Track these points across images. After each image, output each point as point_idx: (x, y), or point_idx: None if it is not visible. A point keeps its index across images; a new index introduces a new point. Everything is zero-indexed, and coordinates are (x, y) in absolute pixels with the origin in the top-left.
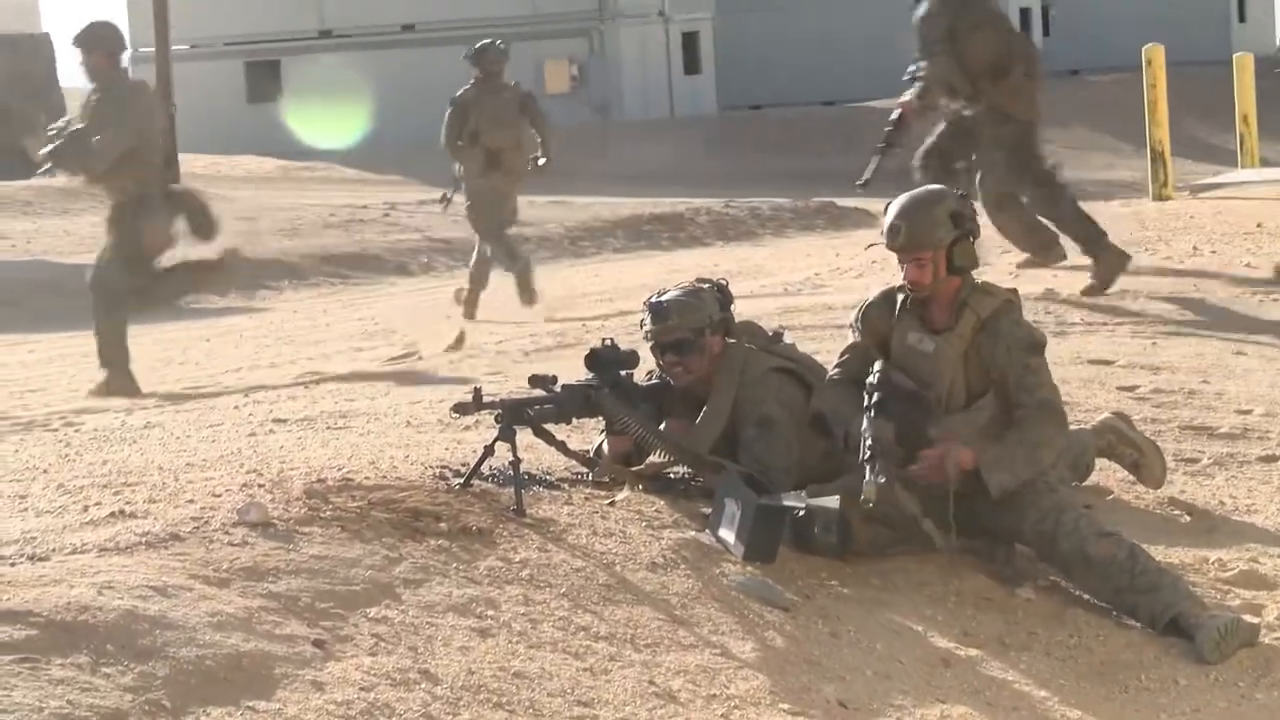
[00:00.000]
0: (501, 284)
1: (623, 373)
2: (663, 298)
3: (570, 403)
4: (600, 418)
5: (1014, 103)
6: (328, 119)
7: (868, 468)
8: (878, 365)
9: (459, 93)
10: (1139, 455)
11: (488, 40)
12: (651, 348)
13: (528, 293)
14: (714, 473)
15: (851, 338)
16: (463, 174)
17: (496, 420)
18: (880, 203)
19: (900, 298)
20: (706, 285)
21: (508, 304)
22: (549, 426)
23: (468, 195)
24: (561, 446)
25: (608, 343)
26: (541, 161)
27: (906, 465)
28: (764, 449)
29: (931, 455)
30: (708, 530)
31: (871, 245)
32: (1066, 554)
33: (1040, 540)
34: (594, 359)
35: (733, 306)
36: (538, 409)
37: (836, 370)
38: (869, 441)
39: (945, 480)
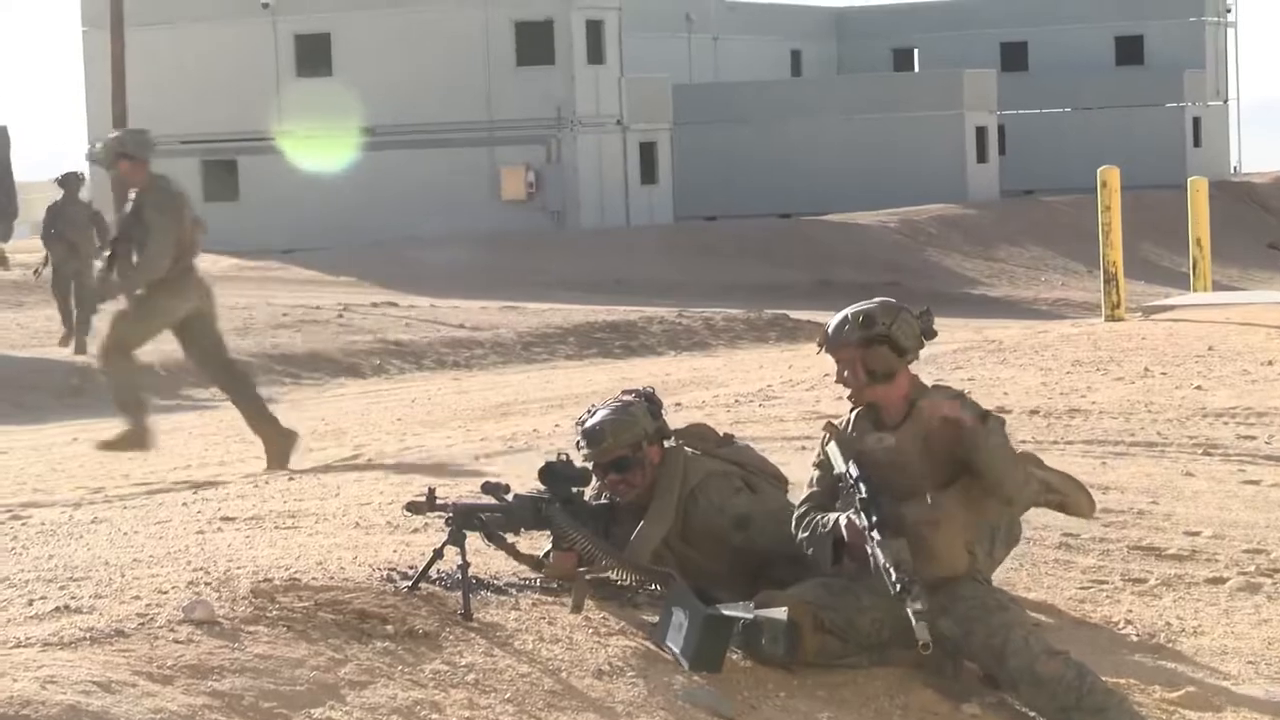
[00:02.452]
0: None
1: (574, 489)
2: (594, 419)
3: (521, 513)
4: (550, 532)
5: None
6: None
7: (906, 603)
8: (856, 480)
9: (50, 204)
10: (1060, 496)
11: (71, 170)
12: (593, 468)
13: (80, 342)
14: (663, 584)
15: (815, 472)
16: (49, 259)
17: (447, 524)
18: (829, 317)
19: (851, 415)
20: (633, 396)
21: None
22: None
23: (54, 274)
24: (511, 549)
25: (563, 458)
26: (104, 250)
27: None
28: (766, 538)
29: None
30: (654, 639)
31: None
32: (1014, 671)
33: (988, 656)
34: (548, 473)
35: (663, 411)
36: (488, 516)
37: (805, 505)
38: (891, 568)
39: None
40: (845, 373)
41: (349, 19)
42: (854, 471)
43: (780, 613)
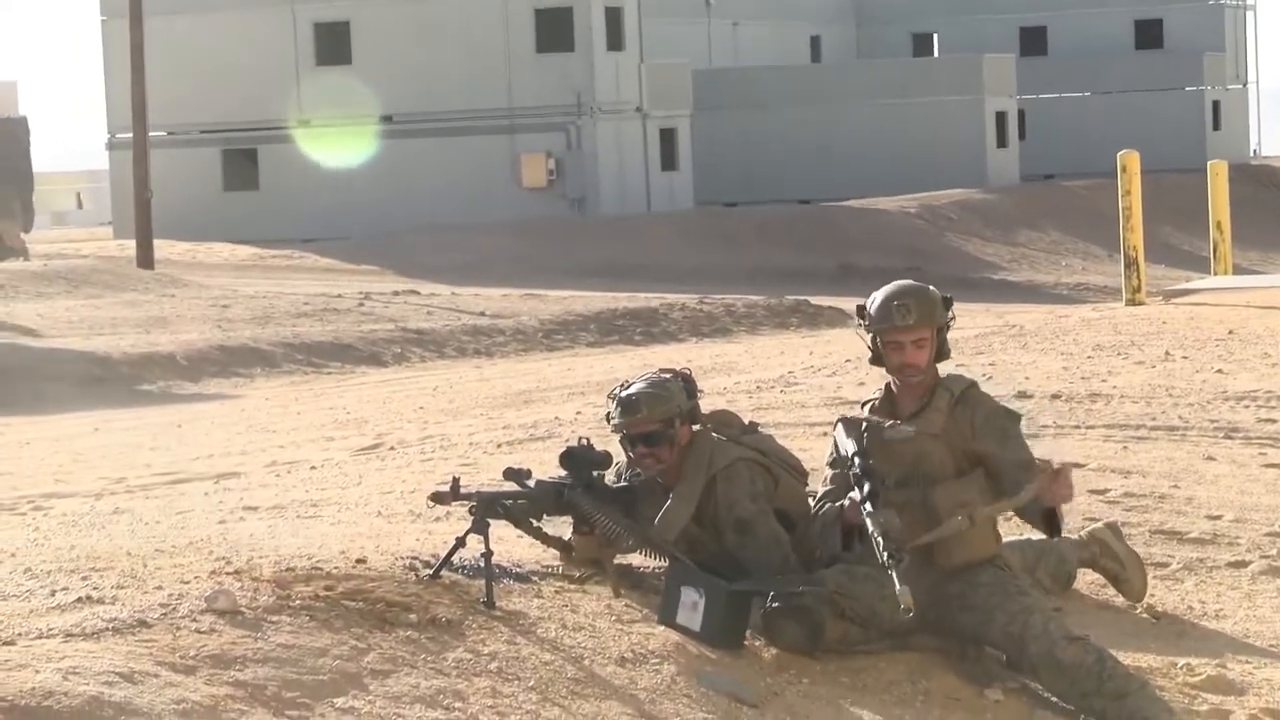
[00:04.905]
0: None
1: (595, 473)
2: (631, 390)
3: (544, 499)
4: (571, 516)
5: None
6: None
7: (891, 571)
8: (853, 455)
9: None
10: (1120, 569)
11: None
12: (621, 439)
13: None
14: (673, 563)
15: (829, 471)
16: None
17: (470, 512)
18: (850, 302)
19: (865, 407)
20: (671, 375)
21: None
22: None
23: None
24: (538, 533)
25: (584, 442)
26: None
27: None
28: (754, 552)
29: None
30: (661, 619)
31: (862, 325)
32: (1035, 657)
33: (1009, 642)
34: (569, 458)
35: (699, 394)
36: (511, 503)
37: (821, 501)
38: (879, 537)
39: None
40: (921, 350)
41: (368, 7)
42: (850, 447)
43: (796, 580)
